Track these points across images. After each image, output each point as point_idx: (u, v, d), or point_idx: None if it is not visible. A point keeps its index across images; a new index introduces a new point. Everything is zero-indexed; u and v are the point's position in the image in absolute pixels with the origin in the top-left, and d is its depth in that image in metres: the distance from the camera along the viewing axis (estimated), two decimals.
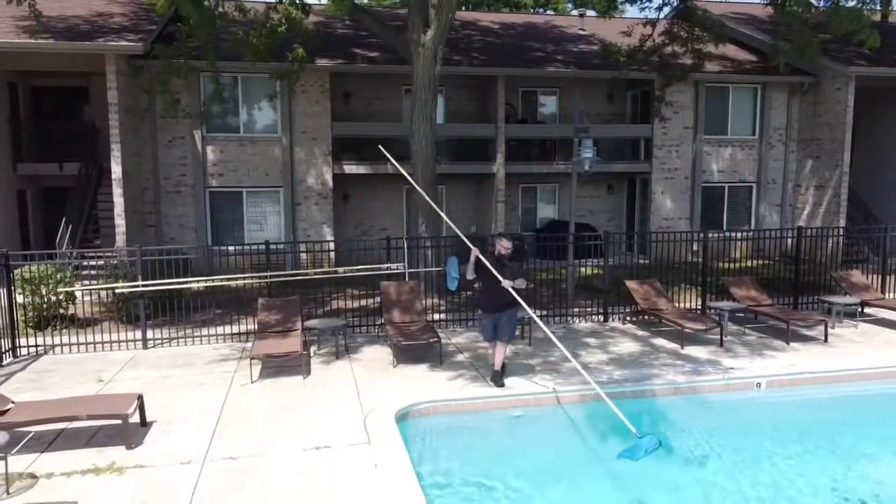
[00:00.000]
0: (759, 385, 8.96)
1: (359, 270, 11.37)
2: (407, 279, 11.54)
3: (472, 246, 8.51)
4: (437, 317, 11.95)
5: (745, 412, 8.61)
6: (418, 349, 9.96)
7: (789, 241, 13.43)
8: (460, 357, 10.00)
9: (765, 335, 11.17)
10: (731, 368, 9.36)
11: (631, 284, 12.00)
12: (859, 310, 12.06)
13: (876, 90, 19.88)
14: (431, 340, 9.69)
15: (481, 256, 8.40)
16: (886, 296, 13.30)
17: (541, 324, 9.12)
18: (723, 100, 19.83)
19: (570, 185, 20.67)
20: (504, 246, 8.53)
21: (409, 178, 10.65)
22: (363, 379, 9.02)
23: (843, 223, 18.84)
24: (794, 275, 13.09)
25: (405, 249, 11.61)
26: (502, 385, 8.60)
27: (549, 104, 20.55)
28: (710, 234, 12.91)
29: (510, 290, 8.27)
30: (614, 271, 13.22)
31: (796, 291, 12.95)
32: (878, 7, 15.57)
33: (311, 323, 10.58)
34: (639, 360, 9.77)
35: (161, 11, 12.48)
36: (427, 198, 11.21)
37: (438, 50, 13.53)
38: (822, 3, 13.86)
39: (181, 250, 12.35)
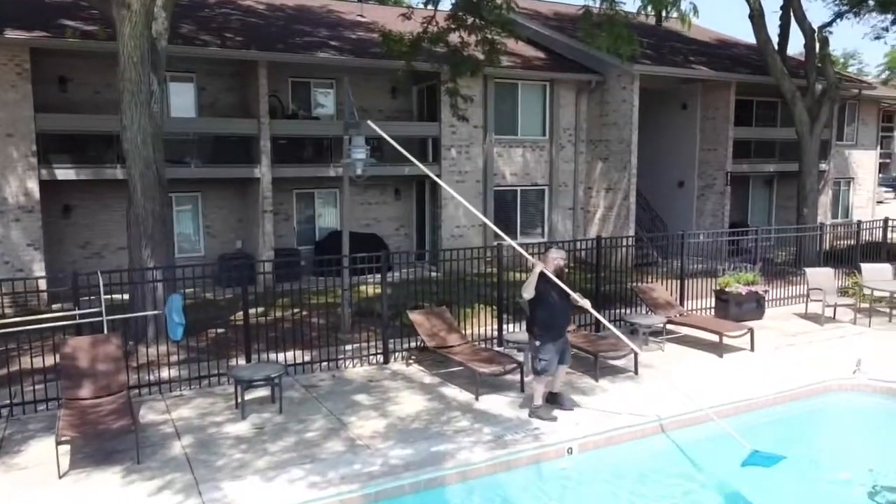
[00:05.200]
0: (570, 451, 7.02)
1: (20, 323, 7.83)
2: (106, 331, 8.20)
3: (534, 260, 7.78)
4: (162, 375, 8.76)
5: (557, 494, 6.61)
6: (109, 440, 6.80)
7: (583, 252, 12.18)
8: (177, 447, 6.98)
9: (571, 370, 9.40)
10: (537, 428, 7.34)
11: (416, 317, 9.70)
12: (664, 329, 10.84)
13: (655, 91, 19.72)
14: (127, 427, 6.58)
15: (548, 272, 7.44)
16: (684, 306, 12.37)
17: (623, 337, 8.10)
18: (512, 98, 18.47)
19: (352, 191, 18.32)
20: (561, 257, 7.70)
21: (424, 169, 9.33)
22: None
23: (633, 227, 18.32)
24: (595, 291, 11.65)
25: (100, 287, 8.25)
26: (572, 406, 7.83)
27: (325, 98, 17.86)
28: (504, 247, 11.05)
29: (587, 309, 7.68)
30: (400, 290, 10.95)
31: (598, 309, 11.49)
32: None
33: None
34: (425, 428, 7.44)
35: None
36: (454, 193, 7.99)
37: (160, 17, 10.30)
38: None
39: None
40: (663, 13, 13.80)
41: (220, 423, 7.56)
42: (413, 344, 10.03)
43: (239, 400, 7.85)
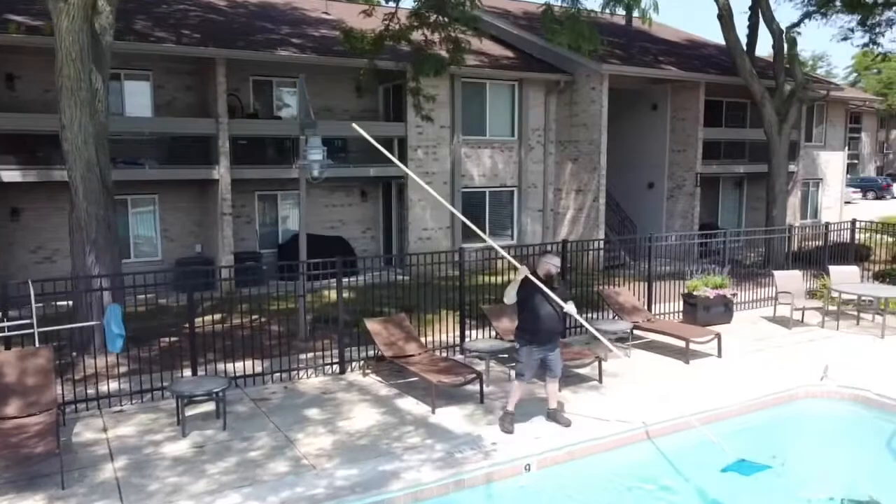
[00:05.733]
0: (528, 468, 6.68)
1: None
2: (37, 344, 7.69)
3: (519, 266, 7.43)
4: (103, 389, 8.27)
5: None
6: (34, 464, 6.32)
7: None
8: (109, 469, 6.51)
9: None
10: (494, 443, 7.00)
11: (373, 325, 9.31)
12: (630, 335, 10.57)
13: (625, 92, 19.54)
14: (51, 450, 6.11)
15: (533, 277, 7.17)
16: (653, 310, 12.13)
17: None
18: (480, 98, 18.14)
19: (317, 192, 17.88)
20: (554, 264, 7.56)
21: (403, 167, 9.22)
22: None
23: (602, 229, 18.09)
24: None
25: (31, 296, 7.73)
26: (569, 423, 7.41)
27: (289, 97, 17.39)
28: (468, 251, 10.73)
29: (571, 314, 7.50)
30: (365, 294, 10.55)
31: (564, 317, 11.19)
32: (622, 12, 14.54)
33: None
34: (374, 445, 7.05)
35: None
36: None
37: (104, 11, 9.80)
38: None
39: None
40: (627, 12, 13.43)
41: (158, 442, 7.11)
42: (371, 353, 9.63)
43: (182, 416, 7.41)
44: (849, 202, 43.22)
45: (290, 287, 10.20)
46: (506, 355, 9.41)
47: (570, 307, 7.39)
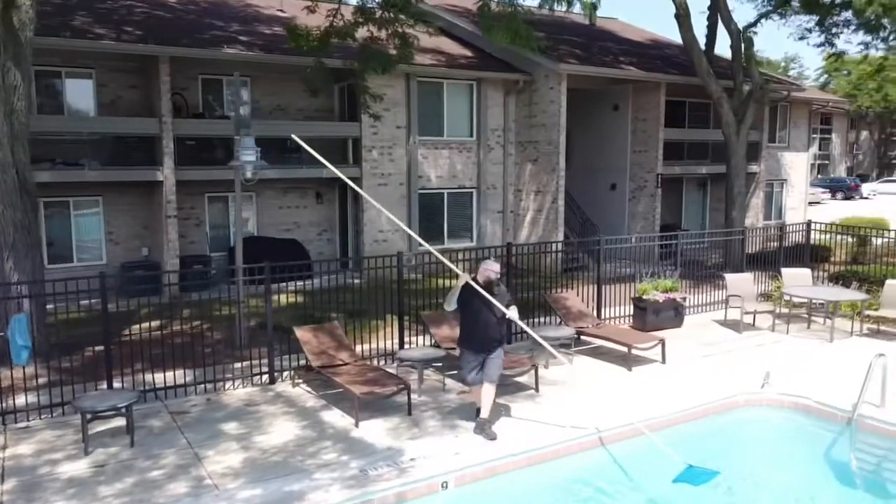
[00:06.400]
0: (444, 485, 6.36)
1: None
2: None
3: (460, 272, 7.44)
4: (10, 404, 7.81)
5: None
6: None
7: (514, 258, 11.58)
8: None
9: (467, 390, 8.75)
10: (413, 459, 6.66)
11: (302, 333, 8.93)
12: (574, 341, 10.29)
13: (587, 92, 19.33)
14: None
15: (474, 283, 7.12)
16: (603, 313, 11.87)
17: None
18: (437, 97, 17.80)
19: (270, 194, 17.45)
20: (493, 270, 7.36)
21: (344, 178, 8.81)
22: None
23: (561, 230, 17.85)
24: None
25: None
26: (494, 437, 7.08)
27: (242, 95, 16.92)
28: (415, 255, 10.39)
29: (513, 321, 7.37)
30: (314, 299, 10.19)
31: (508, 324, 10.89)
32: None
33: None
34: (286, 462, 6.69)
35: None
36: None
37: (23, 5, 9.35)
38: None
39: None
40: (568, 5, 13.13)
41: (57, 462, 6.69)
42: (304, 362, 9.26)
43: (85, 433, 6.99)
44: (818, 203, 43.59)
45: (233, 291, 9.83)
46: (440, 364, 9.07)
47: (512, 313, 7.25)
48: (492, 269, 7.37)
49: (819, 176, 56.38)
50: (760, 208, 22.36)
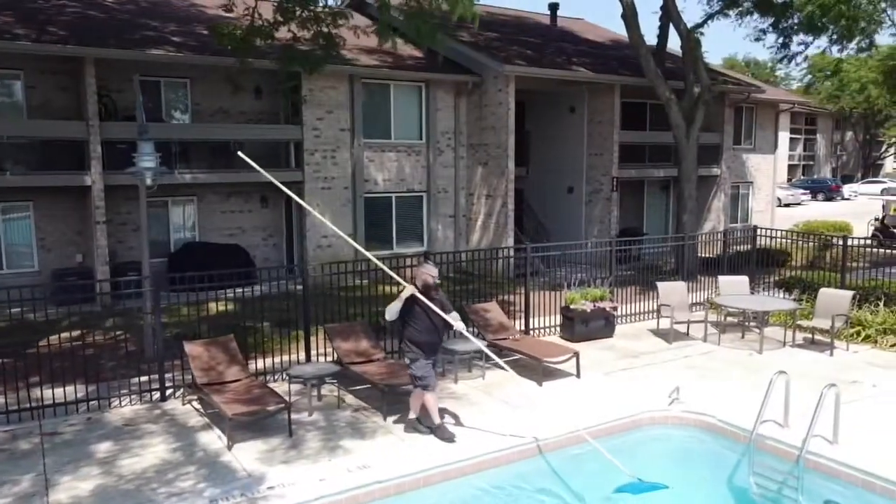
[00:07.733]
0: None
1: None
2: None
3: (404, 283, 7.49)
4: None
5: None
6: None
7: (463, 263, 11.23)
8: None
9: (367, 406, 8.42)
10: (272, 487, 6.28)
11: (192, 348, 8.53)
12: (484, 355, 9.88)
13: (542, 94, 18.99)
14: None
15: (419, 295, 7.14)
16: (533, 323, 11.52)
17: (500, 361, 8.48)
18: (384, 99, 17.44)
19: (212, 198, 17.04)
20: (431, 274, 7.28)
21: (284, 189, 8.68)
22: None
23: (511, 235, 17.50)
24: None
25: None
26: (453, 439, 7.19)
27: (179, 98, 16.55)
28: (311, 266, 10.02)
29: (457, 327, 7.29)
30: (248, 308, 9.80)
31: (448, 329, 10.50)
32: None
33: None
34: (141, 489, 6.31)
35: None
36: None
37: None
38: None
39: None
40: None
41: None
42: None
43: None
44: (798, 204, 43.41)
45: (172, 298, 9.44)
46: (335, 381, 8.69)
47: (458, 324, 7.32)
48: (429, 272, 7.34)
49: (803, 177, 56.21)
50: (723, 211, 22.03)
